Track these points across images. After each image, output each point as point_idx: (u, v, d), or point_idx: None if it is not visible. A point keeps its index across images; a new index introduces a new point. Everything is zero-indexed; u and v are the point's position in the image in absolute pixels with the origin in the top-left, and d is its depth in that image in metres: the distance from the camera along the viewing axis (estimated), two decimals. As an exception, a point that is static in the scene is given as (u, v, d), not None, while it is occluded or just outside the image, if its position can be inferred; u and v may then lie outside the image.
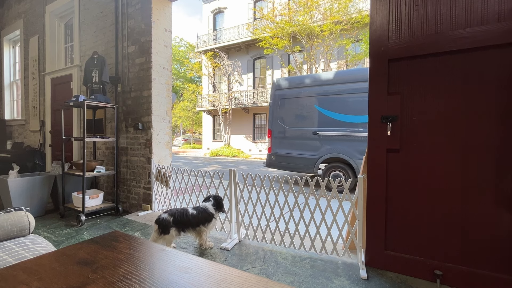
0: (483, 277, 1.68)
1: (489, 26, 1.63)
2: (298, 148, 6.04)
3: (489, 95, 1.66)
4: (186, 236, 2.46)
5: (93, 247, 0.80)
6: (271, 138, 6.48)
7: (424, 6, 1.81)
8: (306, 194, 2.27)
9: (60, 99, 4.70)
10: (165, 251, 0.79)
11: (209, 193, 2.64)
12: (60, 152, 3.63)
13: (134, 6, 3.62)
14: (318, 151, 5.79)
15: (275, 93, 6.43)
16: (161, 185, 3.41)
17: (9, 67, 6.32)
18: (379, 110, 1.97)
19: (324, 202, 2.22)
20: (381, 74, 1.95)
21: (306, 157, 5.91)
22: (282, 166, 6.33)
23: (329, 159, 5.67)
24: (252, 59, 16.91)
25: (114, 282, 0.61)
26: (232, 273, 0.65)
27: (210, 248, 2.39)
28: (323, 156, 5.69)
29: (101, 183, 4.06)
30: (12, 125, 6.07)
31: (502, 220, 1.64)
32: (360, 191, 2.06)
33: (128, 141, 3.74)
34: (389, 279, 1.87)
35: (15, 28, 5.78)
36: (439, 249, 1.81)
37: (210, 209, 2.38)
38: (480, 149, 1.69)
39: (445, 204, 1.79)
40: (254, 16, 16.61)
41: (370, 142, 2.02)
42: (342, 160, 5.51)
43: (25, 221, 1.56)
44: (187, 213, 2.27)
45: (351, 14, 12.06)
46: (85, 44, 4.28)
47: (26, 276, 0.63)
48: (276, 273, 1.97)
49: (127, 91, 3.73)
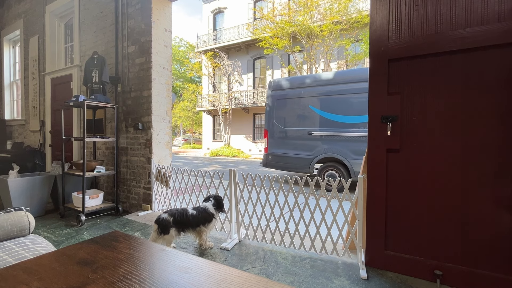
0: (483, 277, 1.68)
1: (489, 26, 1.63)
2: (293, 148, 6.13)
3: (489, 95, 1.66)
4: (186, 236, 2.46)
5: (93, 247, 0.80)
6: (267, 138, 6.54)
7: (424, 6, 1.81)
8: (306, 194, 2.27)
9: (60, 99, 4.70)
10: (165, 251, 0.79)
11: (209, 193, 2.63)
12: (60, 152, 3.63)
13: (134, 6, 3.62)
14: (313, 151, 5.86)
15: (271, 94, 6.51)
16: (161, 185, 3.41)
17: (9, 67, 6.32)
18: (379, 110, 1.97)
19: (324, 202, 2.22)
20: (381, 74, 1.95)
21: (302, 157, 6.00)
22: (278, 166, 6.41)
23: (324, 159, 5.76)
24: (252, 59, 16.91)
25: (114, 282, 0.61)
26: (232, 273, 0.65)
27: (210, 248, 2.39)
28: (318, 156, 5.78)
29: (101, 183, 4.06)
30: (12, 125, 6.07)
31: (502, 220, 1.64)
32: (360, 191, 2.06)
33: (128, 141, 3.74)
34: (389, 279, 1.87)
35: (15, 28, 5.78)
36: (439, 249, 1.81)
37: (211, 209, 2.38)
38: (480, 149, 1.69)
39: (445, 204, 1.79)
40: (254, 16, 16.61)
41: (370, 142, 2.02)
42: (337, 160, 5.60)
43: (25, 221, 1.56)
44: (187, 213, 2.27)
45: (351, 14, 12.06)
46: (85, 44, 4.28)
47: (26, 276, 0.63)
48: (276, 273, 1.97)
49: (127, 91, 3.73)
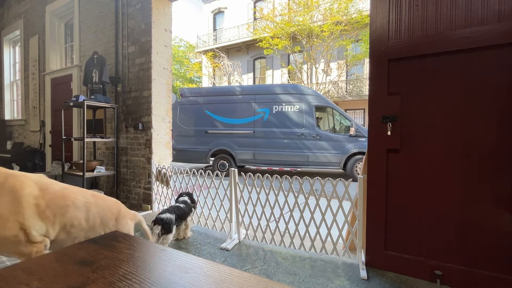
0: (483, 277, 1.68)
1: (489, 26, 1.63)
2: (193, 143, 7.64)
3: (489, 95, 1.66)
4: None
5: (93, 247, 0.80)
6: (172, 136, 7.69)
7: (424, 6, 1.81)
8: (306, 194, 2.27)
9: (60, 99, 4.70)
10: (165, 251, 0.79)
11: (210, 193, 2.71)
12: (60, 152, 3.63)
13: (134, 6, 3.62)
14: (208, 145, 7.47)
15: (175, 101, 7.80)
16: (162, 185, 3.41)
17: (9, 67, 6.33)
18: (379, 110, 1.96)
19: (324, 202, 2.22)
20: (381, 74, 1.95)
21: (200, 150, 7.55)
22: (182, 159, 7.83)
23: (217, 151, 7.45)
24: (252, 59, 16.91)
25: (114, 282, 0.61)
26: (232, 273, 0.65)
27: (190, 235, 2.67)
28: (213, 149, 7.45)
29: (101, 183, 4.06)
30: (12, 125, 6.07)
31: (502, 220, 1.64)
32: (360, 191, 2.06)
33: (128, 141, 3.74)
34: (389, 279, 1.87)
35: (15, 28, 5.78)
36: (439, 249, 1.81)
37: (190, 202, 2.64)
38: (480, 149, 1.69)
39: (445, 204, 1.79)
40: (254, 16, 16.61)
41: (370, 142, 2.02)
42: (226, 152, 7.36)
43: (25, 221, 1.56)
44: (181, 208, 2.45)
45: (351, 15, 12.06)
46: (85, 44, 4.29)
47: (26, 276, 0.63)
48: (276, 273, 1.97)
49: (127, 91, 3.73)
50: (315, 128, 6.87)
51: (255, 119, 7.21)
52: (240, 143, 7.23)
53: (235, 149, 7.24)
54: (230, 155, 7.32)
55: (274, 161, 7.12)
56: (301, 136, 6.87)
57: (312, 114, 6.91)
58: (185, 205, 2.53)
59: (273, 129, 7.07)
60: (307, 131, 6.86)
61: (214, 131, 7.46)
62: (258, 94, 7.33)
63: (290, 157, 6.93)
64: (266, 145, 7.08)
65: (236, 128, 7.30)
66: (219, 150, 7.40)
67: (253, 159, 7.19)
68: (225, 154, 7.37)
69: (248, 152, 7.20)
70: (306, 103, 6.94)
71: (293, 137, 6.92)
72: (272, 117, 7.11)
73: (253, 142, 7.17)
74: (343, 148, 6.66)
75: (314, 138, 6.83)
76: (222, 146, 7.36)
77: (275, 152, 7.03)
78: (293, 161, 6.95)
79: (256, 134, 7.15)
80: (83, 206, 1.41)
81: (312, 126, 6.87)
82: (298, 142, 6.88)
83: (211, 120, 7.53)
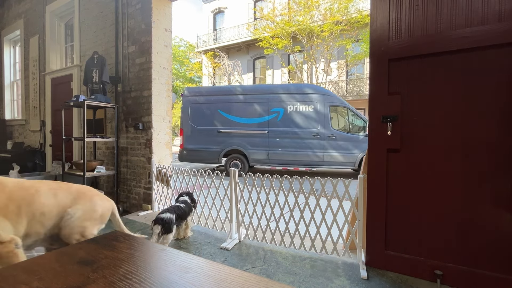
0: (483, 277, 1.68)
1: (489, 26, 1.62)
2: (205, 143, 7.43)
3: (489, 94, 1.66)
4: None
5: (93, 247, 0.80)
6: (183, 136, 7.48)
7: (425, 6, 1.81)
8: (306, 194, 2.27)
9: (60, 99, 4.70)
10: (165, 250, 0.79)
11: (210, 193, 2.71)
12: (61, 152, 3.63)
13: (134, 6, 3.62)
14: (221, 145, 7.31)
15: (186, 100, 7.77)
16: (162, 185, 3.41)
17: (9, 67, 6.33)
18: (379, 110, 1.96)
19: (324, 202, 2.22)
20: (381, 74, 1.95)
21: (212, 150, 7.37)
22: (193, 159, 7.63)
23: (229, 151, 7.29)
24: (252, 59, 16.90)
25: (114, 282, 0.61)
26: (233, 273, 0.65)
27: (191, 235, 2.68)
28: (225, 148, 7.28)
29: (101, 183, 4.07)
30: (13, 125, 6.07)
31: (502, 220, 1.64)
32: (360, 191, 2.06)
33: (128, 141, 3.74)
34: (390, 279, 1.87)
35: (15, 28, 5.78)
36: (440, 249, 1.81)
37: (190, 202, 2.63)
38: (480, 148, 1.69)
39: (445, 204, 1.79)
40: (254, 16, 16.60)
41: (370, 142, 2.02)
42: (239, 151, 7.23)
43: (25, 221, 1.56)
44: (181, 208, 2.44)
45: (351, 14, 12.05)
46: (85, 44, 4.28)
47: (26, 276, 0.63)
48: (277, 273, 1.97)
49: (127, 91, 3.73)
50: (330, 128, 6.81)
51: (269, 119, 7.10)
52: (253, 143, 7.11)
53: (248, 149, 7.13)
54: (243, 155, 7.20)
55: (288, 161, 7.03)
56: (316, 136, 6.80)
57: (327, 114, 6.84)
58: (185, 204, 2.52)
59: (288, 129, 6.97)
60: (322, 130, 6.80)
61: (227, 131, 7.29)
62: (272, 94, 7.18)
63: (305, 157, 6.86)
64: (280, 145, 6.98)
65: (250, 128, 7.17)
66: (232, 150, 7.26)
67: (267, 159, 7.10)
68: (238, 154, 7.25)
69: (262, 152, 7.10)
70: (321, 103, 6.87)
71: (308, 137, 6.85)
72: (287, 117, 7.02)
73: (267, 142, 7.06)
74: (358, 148, 6.63)
75: (329, 138, 6.77)
76: (235, 146, 7.22)
77: (289, 152, 6.94)
78: (308, 161, 6.87)
79: (270, 134, 7.04)
80: (49, 192, 1.38)
81: (327, 125, 6.81)
82: (313, 142, 6.81)
83: (223, 119, 7.37)
